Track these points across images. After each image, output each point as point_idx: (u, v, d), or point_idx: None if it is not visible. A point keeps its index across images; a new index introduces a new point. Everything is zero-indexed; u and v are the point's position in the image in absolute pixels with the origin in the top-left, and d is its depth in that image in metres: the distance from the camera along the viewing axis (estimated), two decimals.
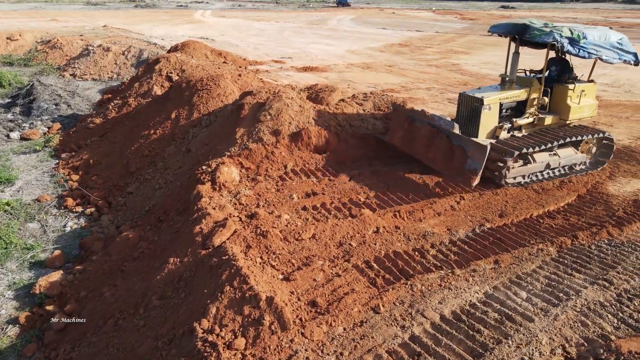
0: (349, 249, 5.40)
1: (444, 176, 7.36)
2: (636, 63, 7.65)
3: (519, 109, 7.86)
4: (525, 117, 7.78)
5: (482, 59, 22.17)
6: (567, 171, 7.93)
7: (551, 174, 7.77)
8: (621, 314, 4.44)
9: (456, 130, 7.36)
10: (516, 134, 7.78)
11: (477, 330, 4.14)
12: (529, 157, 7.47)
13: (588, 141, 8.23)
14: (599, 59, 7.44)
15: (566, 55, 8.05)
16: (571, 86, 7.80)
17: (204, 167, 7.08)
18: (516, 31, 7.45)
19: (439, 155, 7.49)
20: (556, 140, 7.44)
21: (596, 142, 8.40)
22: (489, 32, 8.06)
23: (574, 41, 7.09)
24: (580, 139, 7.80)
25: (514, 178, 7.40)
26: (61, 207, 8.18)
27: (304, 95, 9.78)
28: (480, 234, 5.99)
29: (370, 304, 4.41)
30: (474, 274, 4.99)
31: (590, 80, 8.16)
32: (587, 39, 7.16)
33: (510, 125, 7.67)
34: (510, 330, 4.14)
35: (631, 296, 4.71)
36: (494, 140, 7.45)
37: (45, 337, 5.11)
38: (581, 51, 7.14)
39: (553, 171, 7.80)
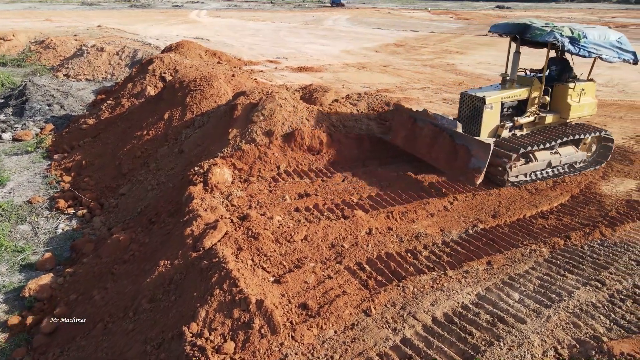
0: (341, 250, 5.36)
1: (448, 175, 7.36)
2: (635, 62, 7.69)
3: (520, 108, 7.90)
4: (527, 115, 7.82)
5: (476, 59, 22.20)
6: (568, 170, 7.96)
7: (552, 172, 7.81)
8: (613, 315, 4.43)
9: (459, 129, 7.37)
10: (517, 132, 7.82)
11: (469, 332, 4.12)
12: (531, 156, 7.50)
13: (589, 139, 8.29)
14: (599, 58, 7.49)
15: (566, 55, 8.09)
16: (571, 85, 7.84)
17: (196, 169, 7.03)
18: (517, 31, 7.49)
19: (442, 155, 7.50)
20: (560, 138, 7.48)
21: (596, 141, 8.45)
22: (489, 32, 8.10)
23: (574, 40, 7.13)
24: (581, 137, 7.84)
25: (516, 176, 7.42)
26: (53, 208, 8.10)
27: (298, 95, 9.75)
28: (473, 234, 5.97)
29: (362, 306, 4.38)
30: (466, 275, 4.97)
31: (590, 79, 8.20)
32: (587, 38, 7.20)
33: (511, 124, 7.70)
34: (502, 332, 4.12)
35: (623, 297, 4.70)
36: (495, 140, 7.46)
37: (34, 341, 5.04)
38: (581, 50, 7.17)
39: (554, 169, 7.84)
